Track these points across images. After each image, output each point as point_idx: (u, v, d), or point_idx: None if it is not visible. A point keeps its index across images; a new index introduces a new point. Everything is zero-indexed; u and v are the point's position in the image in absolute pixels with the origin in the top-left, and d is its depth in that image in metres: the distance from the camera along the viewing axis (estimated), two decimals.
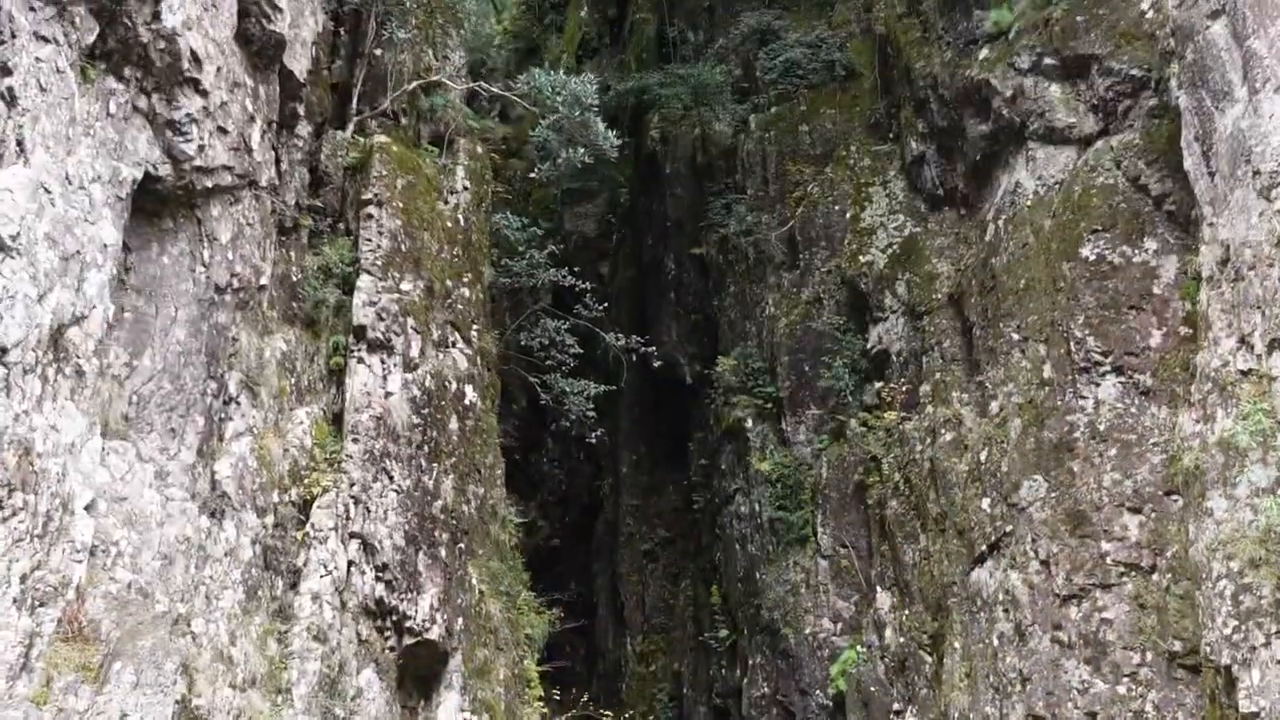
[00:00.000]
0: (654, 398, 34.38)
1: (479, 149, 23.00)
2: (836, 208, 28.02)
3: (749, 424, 28.17)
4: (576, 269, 28.75)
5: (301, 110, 18.82)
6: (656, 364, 30.64)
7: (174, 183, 15.68)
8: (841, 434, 26.12)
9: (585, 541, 39.52)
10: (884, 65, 28.58)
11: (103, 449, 14.08)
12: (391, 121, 21.37)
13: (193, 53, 15.42)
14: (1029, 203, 23.01)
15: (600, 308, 28.19)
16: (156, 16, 15.07)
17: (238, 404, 16.73)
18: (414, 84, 21.39)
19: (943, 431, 23.32)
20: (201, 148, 15.77)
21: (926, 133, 26.33)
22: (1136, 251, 21.05)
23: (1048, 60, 23.20)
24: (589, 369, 30.08)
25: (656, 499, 34.65)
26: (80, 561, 13.02)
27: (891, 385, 25.12)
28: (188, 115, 15.55)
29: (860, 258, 26.78)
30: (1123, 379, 20.48)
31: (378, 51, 21.08)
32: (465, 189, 21.83)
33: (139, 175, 15.03)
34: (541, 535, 42.98)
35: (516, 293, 26.83)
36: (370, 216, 19.33)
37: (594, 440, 28.56)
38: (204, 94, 15.74)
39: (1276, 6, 17.46)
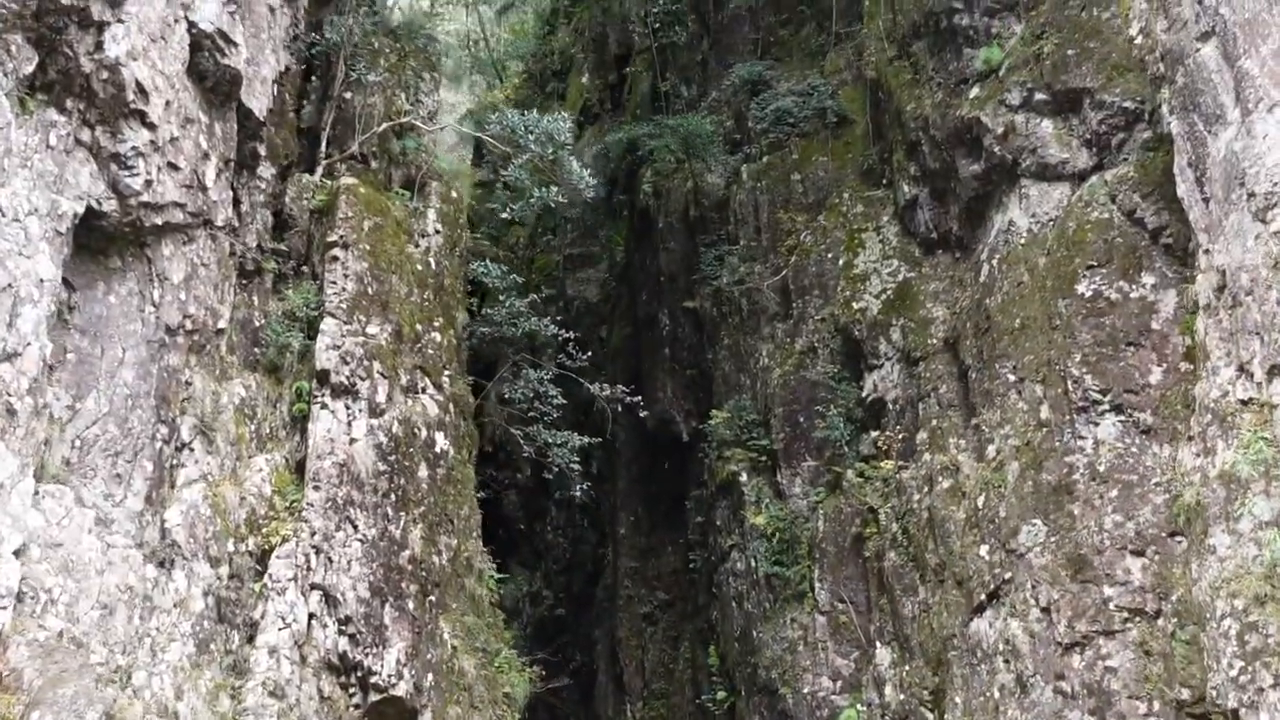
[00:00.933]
0: (651, 457, 33.74)
1: (453, 193, 22.45)
2: (829, 255, 27.41)
3: (743, 478, 27.42)
4: (578, 334, 28.24)
5: (263, 150, 18.30)
6: (649, 420, 30.07)
7: (120, 218, 15.11)
8: (838, 485, 25.33)
9: (590, 610, 38.77)
10: (875, 110, 28.06)
11: (36, 492, 13.40)
12: (361, 165, 20.87)
13: (138, 84, 14.89)
14: (1023, 241, 22.37)
15: (584, 358, 27.45)
16: (99, 47, 14.59)
17: (191, 450, 16.07)
18: (383, 126, 20.90)
19: (940, 479, 22.54)
20: (149, 182, 15.21)
21: (919, 175, 25.73)
22: (1134, 286, 20.34)
23: (1039, 95, 22.63)
24: (585, 428, 29.47)
25: (655, 560, 33.86)
26: (4, 608, 12.31)
27: (888, 434, 24.36)
28: (133, 148, 15.01)
29: (854, 304, 26.10)
30: (1122, 418, 19.69)
31: (347, 95, 20.61)
32: (437, 232, 21.28)
33: (80, 209, 14.46)
34: (546, 605, 42.22)
35: (495, 343, 26.16)
36: (336, 259, 18.76)
37: (580, 493, 27.75)
38: (151, 127, 15.21)
39: (1267, 25, 16.86)
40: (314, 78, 21.02)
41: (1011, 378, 21.47)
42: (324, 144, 20.51)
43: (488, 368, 26.51)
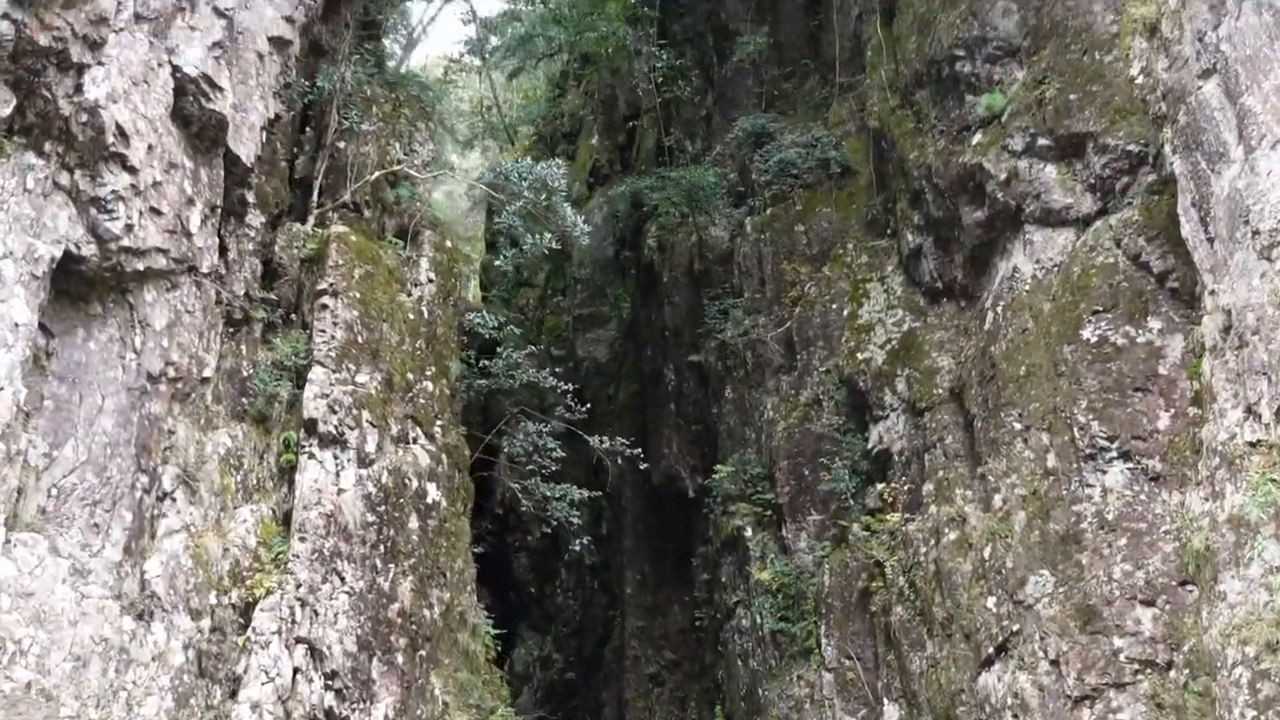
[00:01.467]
0: (657, 515, 33.33)
1: (447, 243, 22.20)
2: (834, 306, 27.10)
3: (748, 532, 26.97)
4: (588, 394, 27.91)
5: (251, 198, 18.07)
6: (655, 477, 29.75)
7: (100, 263, 14.85)
8: (844, 539, 24.85)
9: (599, 673, 38.30)
10: (879, 159, 27.83)
11: (8, 540, 13.06)
12: (354, 214, 20.65)
13: (119, 127, 14.68)
14: (1027, 287, 22.03)
15: (584, 410, 27.08)
16: (79, 89, 14.38)
17: (173, 500, 15.74)
18: (376, 174, 20.68)
19: (946, 531, 22.07)
20: (130, 227, 14.96)
21: (922, 225, 25.43)
22: (1140, 331, 19.95)
23: (1042, 141, 22.35)
24: (594, 485, 29.13)
25: (662, 619, 33.33)
26: None
27: (894, 486, 23.93)
28: (113, 192, 14.78)
29: (858, 355, 25.74)
30: (1130, 465, 19.24)
31: (341, 144, 20.40)
32: (430, 281, 21.00)
33: (58, 253, 14.21)
34: (556, 669, 41.72)
35: (494, 395, 25.81)
36: (325, 307, 18.49)
37: (581, 548, 27.30)
38: (132, 171, 14.98)
39: (1269, 60, 16.61)
40: (308, 128, 20.85)
41: (1017, 426, 21.07)
42: (316, 193, 20.30)
43: (487, 421, 26.20)
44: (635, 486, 33.24)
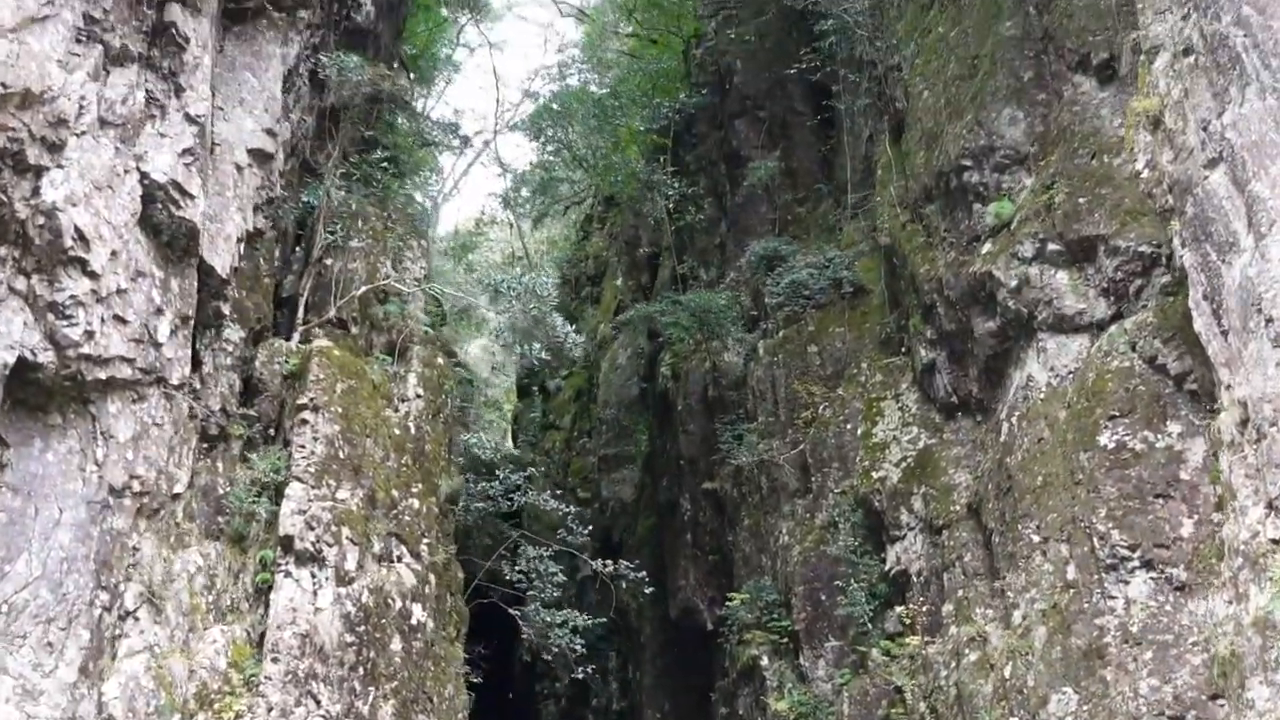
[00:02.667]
0: (676, 650, 32.38)
1: (439, 360, 21.67)
2: (848, 426, 26.42)
3: (764, 661, 25.97)
4: (614, 535, 27.24)
5: (227, 310, 17.63)
6: (672, 610, 28.90)
7: (58, 371, 14.33)
8: (863, 665, 23.84)
9: None
10: (891, 276, 27.33)
11: None
12: (341, 330, 20.17)
13: (78, 230, 14.26)
14: (1042, 396, 21.30)
15: (585, 532, 26.31)
16: (36, 192, 13.99)
17: (135, 619, 15.03)
18: (363, 289, 20.24)
19: (967, 652, 21.09)
20: (90, 334, 14.46)
21: (935, 339, 24.79)
22: (1159, 436, 19.12)
23: (1052, 246, 21.79)
24: (622, 626, 28.37)
25: None
26: None
27: (912, 607, 22.99)
28: (72, 297, 14.31)
29: (873, 474, 24.95)
30: (1154, 574, 18.28)
31: (328, 261, 20.01)
32: (418, 396, 20.45)
33: (10, 359, 13.71)
34: None
35: (491, 518, 25.06)
36: (305, 422, 17.92)
37: (584, 675, 26.23)
38: (93, 276, 14.52)
39: (1276, 145, 16.03)
40: (298, 247, 20.53)
41: (1035, 538, 20.19)
42: (302, 309, 19.90)
43: (494, 547, 25.51)
44: (654, 622, 32.35)
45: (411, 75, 37.14)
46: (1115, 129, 21.87)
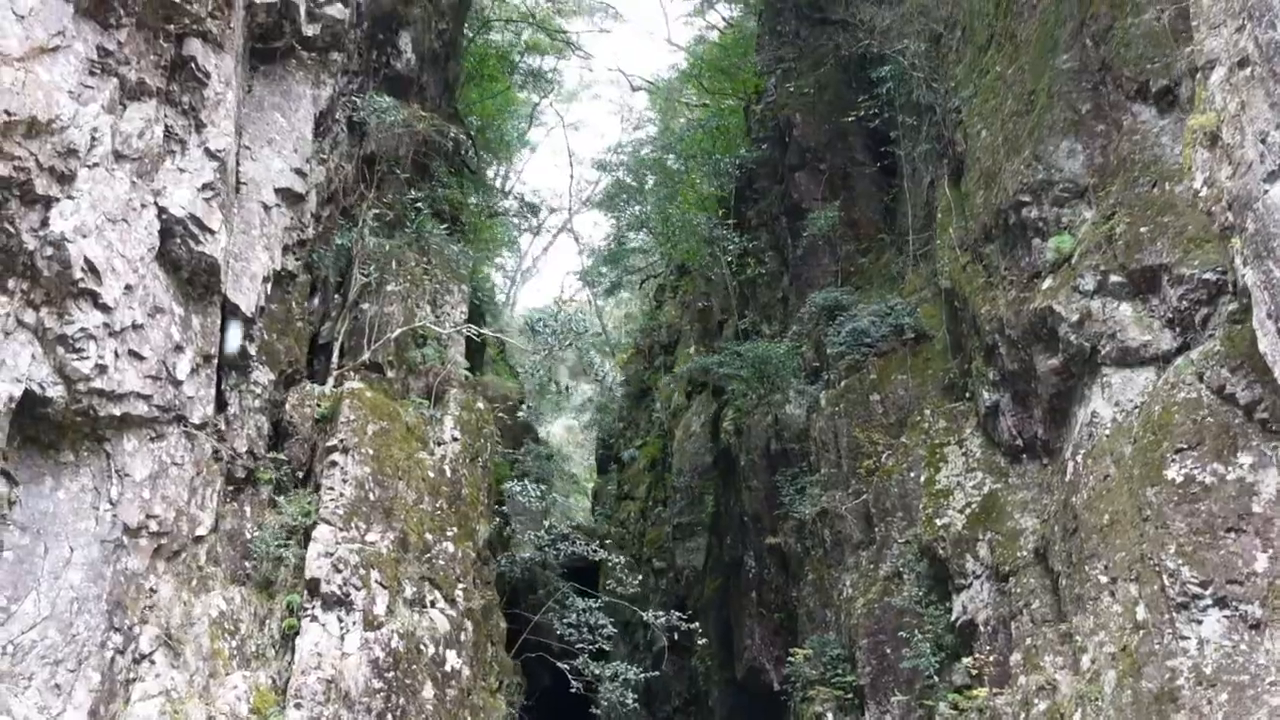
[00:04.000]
0: (745, 713, 31.58)
1: (480, 404, 21.17)
2: (911, 474, 25.62)
3: (830, 718, 25.04)
4: (689, 604, 26.65)
5: (254, 350, 17.22)
6: (738, 670, 28.20)
7: (68, 405, 14.00)
8: None
9: None
10: (952, 319, 26.60)
11: None
12: (376, 374, 19.78)
13: (88, 262, 13.97)
14: (1107, 432, 20.44)
15: (635, 583, 25.63)
16: (45, 223, 13.72)
17: (151, 662, 14.56)
18: (398, 331, 19.85)
19: (1036, 701, 20.11)
20: (101, 368, 14.13)
21: (998, 380, 24.01)
22: (1229, 468, 18.19)
23: (1114, 278, 21.01)
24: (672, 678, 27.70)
25: None
26: None
27: (979, 657, 22.04)
28: (83, 330, 14.00)
29: (936, 522, 24.10)
30: (1227, 612, 17.30)
31: (364, 305, 19.66)
32: (455, 439, 19.93)
33: (16, 392, 13.38)
34: None
35: (536, 568, 24.44)
36: (334, 464, 17.48)
37: None
38: (105, 309, 14.22)
39: None
40: (338, 295, 20.24)
41: (1103, 579, 19.26)
42: (337, 354, 19.56)
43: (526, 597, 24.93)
44: (722, 685, 31.57)
45: (471, 136, 37.20)
46: (1176, 156, 21.14)
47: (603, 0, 58.50)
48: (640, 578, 45.39)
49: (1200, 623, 17.49)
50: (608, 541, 34.10)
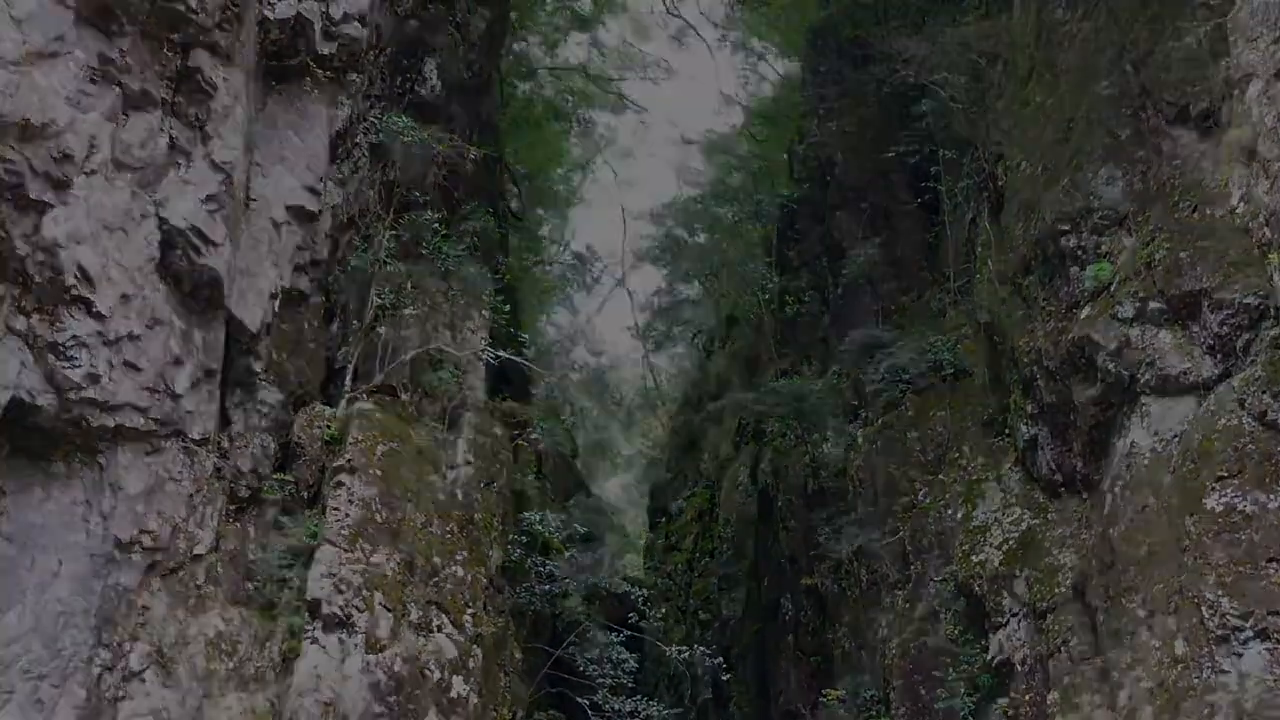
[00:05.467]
0: None
1: (497, 429, 20.76)
2: (948, 511, 24.98)
3: None
4: (734, 653, 26.01)
5: (259, 368, 16.89)
6: (774, 715, 27.34)
7: (59, 414, 13.71)
8: None
9: None
10: (991, 353, 25.98)
11: None
12: (390, 397, 19.41)
13: (81, 269, 13.72)
14: (1146, 462, 19.78)
15: (659, 615, 25.02)
16: (37, 229, 13.48)
17: (141, 680, 14.17)
18: (412, 353, 19.50)
19: None
20: (94, 377, 13.85)
21: (1036, 413, 23.35)
22: (1271, 497, 17.56)
23: (1153, 305, 20.38)
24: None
25: None
26: None
27: (1015, 697, 21.31)
28: (74, 338, 13.74)
29: (973, 558, 23.41)
30: (1269, 645, 16.64)
31: (380, 328, 19.35)
32: (468, 463, 19.54)
33: (3, 400, 13.06)
34: None
35: (555, 600, 23.83)
36: (341, 484, 17.14)
37: None
38: (99, 318, 13.96)
39: None
40: (356, 320, 19.97)
41: (1141, 613, 18.58)
42: (351, 377, 19.23)
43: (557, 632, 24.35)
44: None
45: (516, 181, 37.08)
46: (1217, 179, 20.55)
47: (654, 53, 58.76)
48: (685, 630, 44.74)
49: (1240, 656, 16.80)
50: (652, 592, 33.46)
